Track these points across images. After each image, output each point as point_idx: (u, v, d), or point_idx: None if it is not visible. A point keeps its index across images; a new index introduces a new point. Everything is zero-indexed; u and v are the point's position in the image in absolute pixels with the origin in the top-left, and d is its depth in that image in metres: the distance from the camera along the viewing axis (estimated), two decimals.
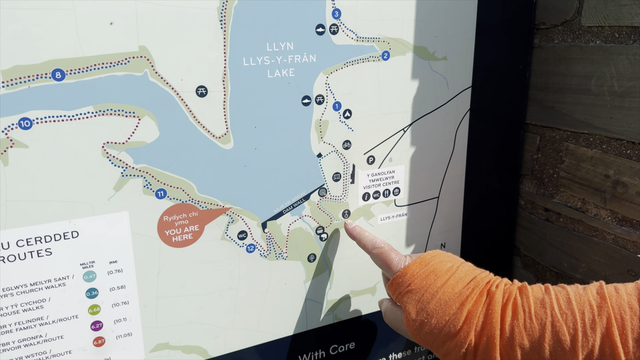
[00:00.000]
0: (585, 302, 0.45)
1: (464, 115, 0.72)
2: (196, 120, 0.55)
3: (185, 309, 0.60)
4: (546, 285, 0.50)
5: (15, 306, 0.52)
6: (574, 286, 0.48)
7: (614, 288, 0.46)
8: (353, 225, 0.65)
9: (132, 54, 0.51)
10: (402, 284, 0.54)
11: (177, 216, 0.57)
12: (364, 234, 0.63)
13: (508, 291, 0.50)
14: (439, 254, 0.56)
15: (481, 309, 0.49)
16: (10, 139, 0.48)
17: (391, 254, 0.58)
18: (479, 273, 0.53)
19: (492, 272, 0.54)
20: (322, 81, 0.61)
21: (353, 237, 0.64)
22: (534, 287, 0.50)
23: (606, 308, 0.44)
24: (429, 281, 0.53)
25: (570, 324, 0.45)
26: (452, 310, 0.50)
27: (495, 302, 0.49)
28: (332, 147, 0.64)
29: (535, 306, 0.47)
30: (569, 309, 0.46)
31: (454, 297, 0.51)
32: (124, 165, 0.53)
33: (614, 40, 0.64)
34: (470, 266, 0.55)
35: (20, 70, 0.47)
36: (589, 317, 0.44)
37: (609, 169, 0.67)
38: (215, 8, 0.53)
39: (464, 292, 0.50)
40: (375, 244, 0.60)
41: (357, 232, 0.64)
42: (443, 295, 0.51)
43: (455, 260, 0.55)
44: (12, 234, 0.50)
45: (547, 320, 0.46)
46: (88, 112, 0.50)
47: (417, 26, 0.64)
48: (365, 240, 0.62)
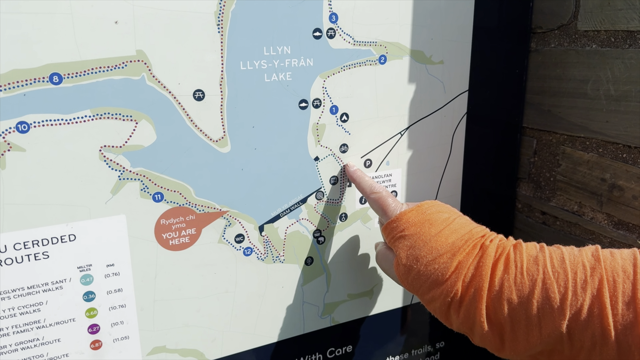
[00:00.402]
0: (579, 262, 0.45)
1: (460, 119, 0.72)
2: (193, 123, 0.55)
3: (182, 312, 0.60)
4: (541, 244, 0.49)
5: (13, 309, 0.52)
6: (570, 247, 0.48)
7: (609, 252, 0.46)
8: (354, 168, 0.65)
9: (130, 58, 0.51)
10: (396, 228, 0.54)
11: (174, 219, 0.57)
12: (364, 178, 0.63)
13: (502, 246, 0.50)
14: (437, 204, 0.56)
15: (472, 260, 0.49)
16: (8, 143, 0.48)
17: (388, 199, 0.58)
18: (475, 227, 0.53)
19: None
20: (319, 85, 0.61)
21: (353, 180, 0.64)
22: (529, 244, 0.49)
23: (599, 269, 0.44)
24: (423, 229, 0.53)
25: (561, 282, 0.44)
26: (442, 259, 0.50)
27: (487, 256, 0.49)
28: (329, 150, 0.64)
29: (527, 262, 0.47)
30: (562, 267, 0.45)
31: (447, 246, 0.51)
32: (121, 169, 0.53)
33: (609, 45, 0.64)
34: (467, 220, 0.55)
35: (18, 74, 0.47)
36: (580, 277, 0.44)
37: (605, 173, 0.67)
38: (212, 12, 0.53)
39: (457, 243, 0.51)
40: (374, 188, 0.60)
41: (357, 175, 0.63)
42: (435, 244, 0.51)
43: (453, 212, 0.55)
44: (10, 237, 0.50)
45: (539, 277, 0.45)
46: (85, 116, 0.50)
47: (413, 30, 0.65)
48: (364, 185, 0.62)
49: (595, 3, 0.64)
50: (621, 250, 0.46)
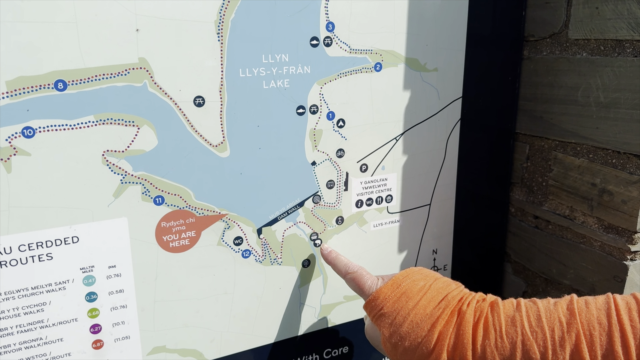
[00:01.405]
0: (555, 318, 0.46)
1: (454, 125, 0.74)
2: (194, 129, 0.57)
3: (181, 312, 0.62)
4: (518, 300, 0.50)
5: (17, 309, 0.53)
6: (546, 301, 0.49)
7: (584, 302, 0.46)
8: (329, 250, 0.66)
9: (132, 65, 0.52)
10: (375, 307, 0.55)
11: (174, 222, 0.59)
12: (338, 258, 0.64)
13: (479, 309, 0.50)
14: (412, 273, 0.56)
15: (452, 329, 0.49)
16: (14, 147, 0.50)
17: (363, 278, 0.58)
18: (451, 290, 0.53)
19: (478, 284, 0.55)
20: (316, 91, 0.63)
21: (328, 262, 0.65)
22: (506, 303, 0.50)
23: (575, 324, 0.45)
24: (401, 304, 0.53)
25: (540, 342, 0.45)
26: (423, 332, 0.50)
27: (466, 322, 0.49)
28: (326, 155, 0.66)
29: (506, 324, 0.47)
30: (539, 326, 0.46)
31: (425, 318, 0.51)
32: (124, 173, 0.55)
33: (599, 53, 0.66)
34: (444, 282, 0.55)
35: (24, 81, 0.49)
36: (558, 335, 0.45)
37: (595, 178, 0.68)
38: (212, 21, 0.55)
39: (435, 312, 0.51)
40: (349, 268, 0.61)
41: (331, 257, 0.65)
42: (415, 317, 0.51)
43: (429, 278, 0.55)
44: (15, 239, 0.52)
45: (518, 339, 0.46)
46: (89, 122, 0.52)
47: (408, 38, 0.66)
48: (340, 265, 0.63)
49: (586, 13, 0.66)
50: (596, 298, 0.47)
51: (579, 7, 0.67)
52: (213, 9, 0.55)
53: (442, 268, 0.79)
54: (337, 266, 0.63)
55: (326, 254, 0.66)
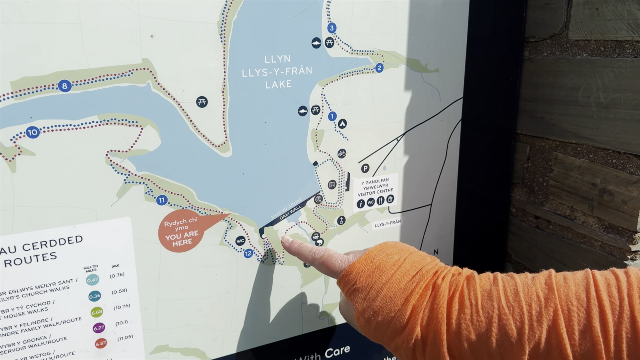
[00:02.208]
0: (532, 293, 0.45)
1: (455, 125, 0.74)
2: (196, 129, 0.57)
3: (184, 312, 0.62)
4: (495, 274, 0.49)
5: (21, 308, 0.54)
6: (523, 275, 0.48)
7: (562, 278, 0.45)
8: (290, 240, 0.64)
9: (136, 66, 0.53)
10: (348, 282, 0.54)
11: (177, 222, 0.59)
12: (302, 247, 0.62)
13: (455, 283, 0.49)
14: (386, 247, 0.55)
15: (426, 303, 0.49)
16: (18, 147, 0.50)
17: (331, 259, 0.57)
18: (426, 264, 0.52)
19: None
20: (318, 92, 0.63)
21: (292, 252, 0.63)
22: (482, 276, 0.49)
23: (553, 299, 0.44)
24: (374, 278, 0.52)
25: (517, 317, 0.44)
26: (397, 306, 0.49)
27: (441, 296, 0.48)
28: (328, 155, 0.66)
29: (482, 298, 0.47)
30: (516, 301, 0.45)
31: (399, 292, 0.50)
32: (127, 173, 0.55)
33: (599, 54, 0.66)
34: (419, 256, 0.54)
35: (28, 82, 0.49)
36: (535, 309, 0.44)
37: (595, 178, 0.69)
38: (215, 22, 0.55)
39: (409, 286, 0.50)
40: (315, 254, 0.59)
41: (295, 247, 0.62)
42: (388, 291, 0.50)
43: (403, 252, 0.54)
44: (19, 238, 0.52)
45: (494, 313, 0.45)
46: (93, 122, 0.52)
47: (409, 40, 0.67)
48: (306, 253, 0.61)
49: (586, 14, 0.66)
50: (575, 274, 0.46)
51: (579, 8, 0.67)
52: (216, 10, 0.55)
53: None
54: (303, 254, 0.61)
55: (288, 245, 0.63)
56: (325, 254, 0.58)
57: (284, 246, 0.64)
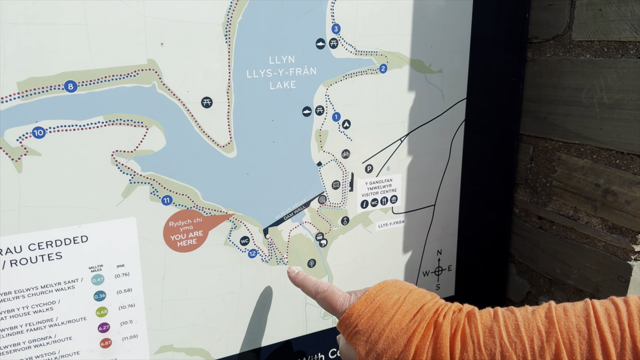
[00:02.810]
0: (533, 328, 0.45)
1: (459, 126, 0.74)
2: (201, 129, 0.58)
3: (189, 312, 0.62)
4: (495, 309, 0.49)
5: (27, 307, 0.54)
6: (524, 309, 0.48)
7: (562, 310, 0.46)
8: (296, 271, 0.63)
9: (141, 67, 0.53)
10: (350, 325, 0.53)
11: (182, 222, 0.59)
12: (307, 279, 0.61)
13: (456, 320, 0.49)
14: (386, 286, 0.55)
15: (429, 343, 0.48)
16: (25, 147, 0.50)
17: (334, 296, 0.56)
18: (427, 302, 0.52)
19: (482, 285, 0.53)
20: (322, 93, 0.63)
21: (296, 284, 0.62)
22: (483, 313, 0.49)
23: (554, 333, 0.44)
24: (375, 319, 0.51)
25: (519, 353, 0.44)
26: (400, 347, 0.49)
27: (443, 335, 0.48)
28: (332, 156, 0.66)
29: (484, 336, 0.46)
30: (518, 336, 0.45)
31: (401, 333, 0.49)
32: (132, 173, 0.55)
33: (603, 55, 0.66)
34: (419, 294, 0.53)
35: (34, 82, 0.49)
36: (537, 344, 0.44)
37: (599, 178, 0.69)
38: (220, 23, 0.55)
39: (411, 326, 0.49)
40: (319, 288, 0.58)
41: (299, 279, 0.62)
42: (390, 333, 0.50)
43: (403, 290, 0.54)
44: (25, 238, 0.52)
45: (497, 350, 0.45)
46: (98, 122, 0.53)
47: (413, 40, 0.67)
48: (309, 286, 0.60)
49: (589, 15, 0.66)
50: (574, 305, 0.46)
51: (583, 9, 0.67)
52: (221, 11, 0.55)
53: (447, 268, 0.80)
54: (307, 287, 0.60)
55: (294, 277, 0.62)
56: (328, 289, 0.57)
57: (289, 276, 0.63)
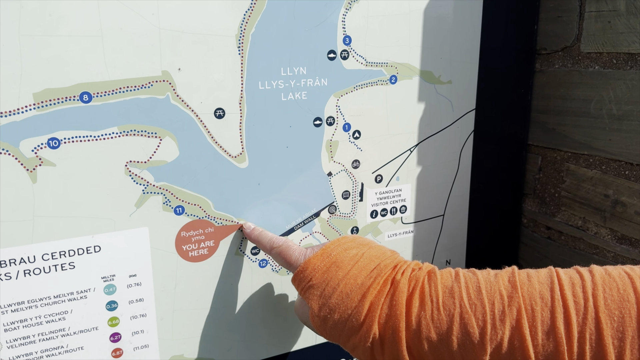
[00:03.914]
0: (495, 291, 0.43)
1: (468, 136, 0.74)
2: (214, 140, 0.58)
3: (199, 321, 0.62)
4: (457, 270, 0.47)
5: (39, 317, 0.54)
6: (486, 272, 0.46)
7: (526, 275, 0.44)
8: (252, 227, 0.60)
9: (156, 78, 0.54)
10: (304, 279, 0.51)
11: (194, 232, 0.59)
12: (262, 234, 0.59)
13: (415, 278, 0.47)
14: (344, 241, 0.52)
15: (384, 299, 0.46)
16: (40, 158, 0.51)
17: (289, 250, 0.54)
18: (385, 258, 0.50)
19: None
20: (332, 103, 0.64)
21: (252, 240, 0.60)
22: (444, 272, 0.47)
23: (517, 298, 0.42)
24: (330, 274, 0.49)
25: (479, 316, 0.43)
26: (353, 302, 0.47)
27: (400, 292, 0.46)
28: (342, 166, 0.67)
29: (443, 295, 0.44)
30: (479, 299, 0.43)
31: (356, 288, 0.47)
32: (145, 183, 0.56)
33: (612, 66, 0.67)
34: (378, 250, 0.51)
35: (50, 93, 0.50)
36: (498, 308, 0.42)
37: (608, 189, 0.69)
38: (233, 35, 0.56)
39: (366, 282, 0.47)
40: (274, 243, 0.56)
41: (255, 234, 0.59)
42: (345, 288, 0.48)
43: (362, 247, 0.52)
44: (39, 248, 0.52)
45: (456, 312, 0.43)
46: (113, 133, 0.53)
47: (423, 52, 0.68)
48: (264, 241, 0.58)
49: (598, 27, 0.67)
50: (538, 271, 0.44)
51: (591, 21, 0.68)
52: (234, 23, 0.56)
53: None
54: (262, 242, 0.58)
55: (249, 232, 0.60)
56: (283, 244, 0.55)
57: (244, 232, 0.61)
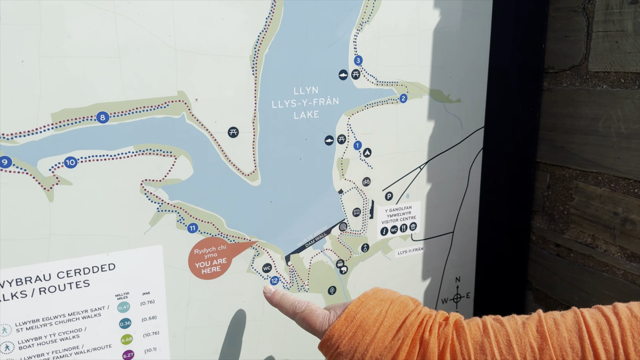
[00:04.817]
0: (526, 344, 0.44)
1: (477, 154, 0.75)
2: (227, 159, 0.59)
3: (211, 339, 0.62)
4: (483, 321, 0.47)
5: (54, 335, 0.54)
6: (512, 320, 0.46)
7: (553, 323, 0.44)
8: (272, 290, 0.59)
9: (172, 98, 0.54)
10: (331, 347, 0.50)
11: (206, 249, 0.60)
12: (284, 299, 0.57)
13: (444, 335, 0.47)
14: (367, 300, 0.52)
15: None
16: (56, 177, 0.51)
17: (313, 316, 0.53)
18: (409, 313, 0.50)
19: (500, 312, 0.52)
20: (344, 122, 0.65)
21: (274, 304, 0.59)
22: (472, 325, 0.47)
23: (547, 350, 0.42)
24: (357, 339, 0.49)
25: None
26: None
27: (431, 353, 0.46)
28: (353, 183, 0.67)
29: (475, 353, 0.45)
30: (510, 353, 0.43)
31: (385, 352, 0.47)
32: (160, 201, 0.56)
33: (619, 85, 0.67)
34: (400, 305, 0.51)
35: (68, 113, 0.51)
36: None
37: (617, 207, 0.69)
38: (248, 56, 0.57)
39: (395, 344, 0.47)
40: (296, 308, 0.55)
41: (277, 298, 0.58)
42: (374, 353, 0.48)
43: (384, 303, 0.51)
44: (54, 266, 0.53)
45: None
46: (129, 152, 0.54)
47: (433, 71, 0.68)
48: (287, 306, 0.57)
49: (606, 46, 0.68)
50: (564, 316, 0.45)
51: (599, 41, 0.69)
52: (249, 44, 0.57)
53: (465, 296, 0.80)
54: (284, 306, 0.57)
55: (270, 296, 0.59)
56: (306, 309, 0.54)
57: (265, 297, 0.59)
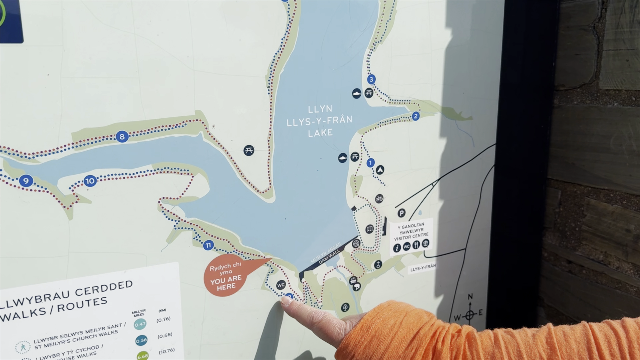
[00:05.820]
0: (535, 354, 0.45)
1: (489, 171, 0.75)
2: (243, 176, 0.59)
3: (226, 356, 0.62)
4: (495, 333, 0.49)
5: (71, 352, 0.55)
6: (523, 333, 0.48)
7: (563, 334, 0.46)
8: (290, 301, 0.62)
9: (189, 118, 0.55)
10: (347, 355, 0.52)
11: (222, 266, 0.60)
12: (301, 309, 0.61)
13: (456, 346, 0.48)
14: (382, 311, 0.55)
15: None
16: (76, 195, 0.52)
17: (330, 325, 0.56)
18: (422, 325, 0.52)
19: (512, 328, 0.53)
20: (357, 140, 0.65)
21: (291, 314, 0.62)
22: (483, 337, 0.49)
23: None
24: (372, 348, 0.51)
25: None
26: None
27: None
28: (366, 200, 0.68)
29: None
30: None
31: None
32: (177, 219, 0.57)
33: (630, 103, 0.68)
34: (415, 317, 0.53)
35: (88, 133, 0.52)
36: None
37: (629, 224, 0.69)
38: (263, 76, 0.58)
39: (408, 354, 0.49)
40: (314, 318, 0.58)
41: (294, 309, 0.61)
42: None
43: (399, 314, 0.54)
44: (72, 283, 0.54)
45: None
46: (147, 170, 0.55)
47: (444, 89, 0.69)
48: (304, 316, 0.59)
49: (616, 65, 0.68)
50: (573, 329, 0.46)
51: (609, 59, 0.69)
52: (264, 64, 0.58)
53: (478, 312, 0.80)
54: (302, 317, 0.60)
55: (288, 307, 0.62)
56: (323, 319, 0.57)
57: (283, 307, 0.63)
